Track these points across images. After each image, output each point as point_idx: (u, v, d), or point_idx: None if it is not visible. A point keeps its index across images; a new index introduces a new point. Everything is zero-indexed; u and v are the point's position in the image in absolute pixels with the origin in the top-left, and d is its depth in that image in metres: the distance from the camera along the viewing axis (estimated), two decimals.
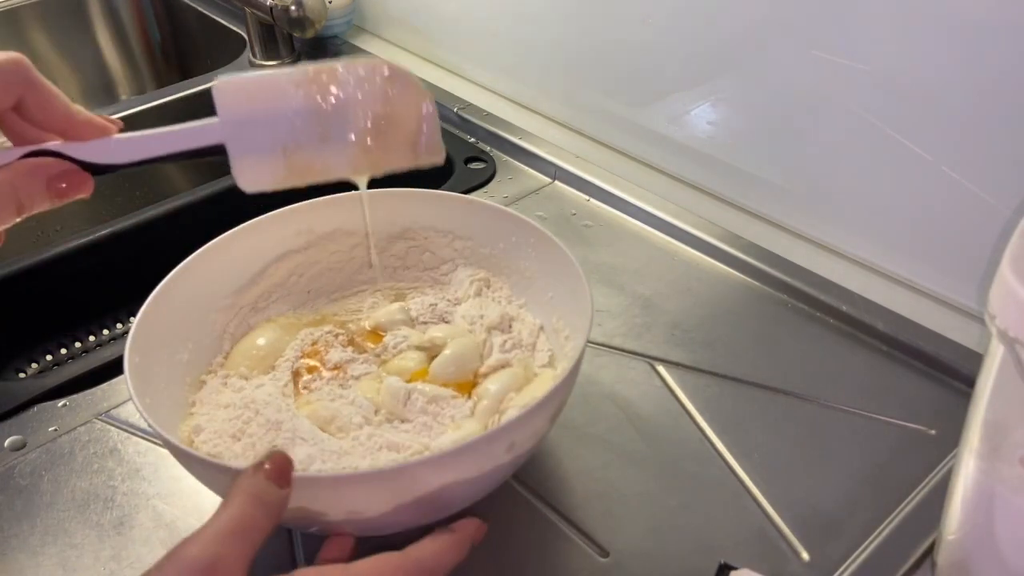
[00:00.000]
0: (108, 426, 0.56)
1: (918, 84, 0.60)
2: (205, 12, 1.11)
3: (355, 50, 0.98)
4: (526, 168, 0.81)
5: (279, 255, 0.58)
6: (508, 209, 0.58)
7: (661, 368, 0.60)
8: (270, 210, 0.57)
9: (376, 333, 0.56)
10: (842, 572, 0.47)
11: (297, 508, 0.40)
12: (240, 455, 0.47)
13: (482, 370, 0.54)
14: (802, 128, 0.69)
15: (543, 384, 0.51)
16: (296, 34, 0.93)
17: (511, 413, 0.50)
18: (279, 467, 0.37)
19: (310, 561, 0.48)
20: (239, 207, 0.57)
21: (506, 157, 0.82)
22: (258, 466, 0.37)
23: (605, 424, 0.56)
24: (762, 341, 0.62)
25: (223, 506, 0.35)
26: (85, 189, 0.40)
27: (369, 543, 0.42)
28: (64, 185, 0.39)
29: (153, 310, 0.50)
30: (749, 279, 0.67)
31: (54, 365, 0.77)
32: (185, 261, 0.53)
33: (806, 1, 0.64)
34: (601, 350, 0.61)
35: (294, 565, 0.48)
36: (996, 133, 0.58)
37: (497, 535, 0.49)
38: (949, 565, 0.44)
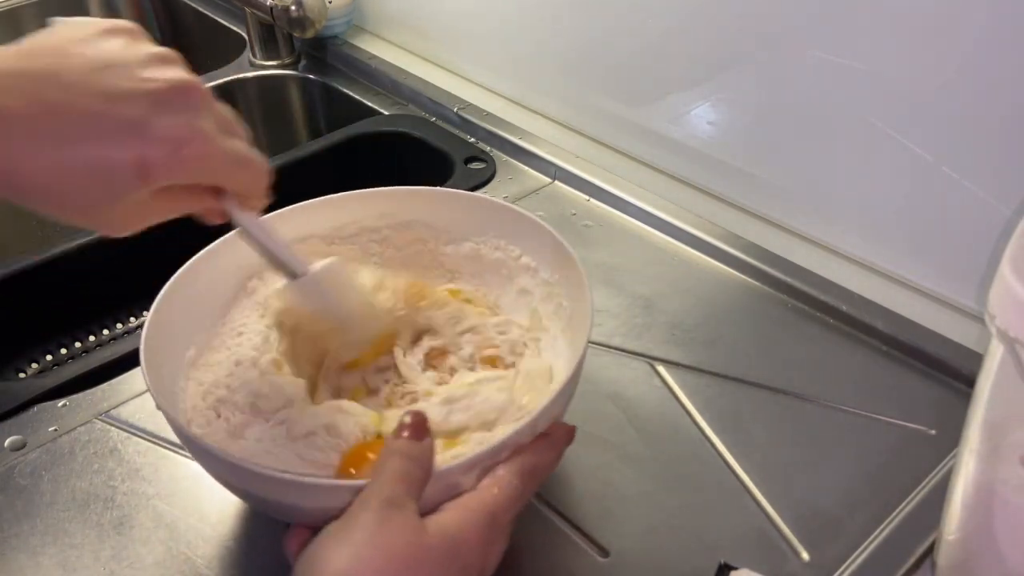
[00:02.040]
0: (108, 426, 0.56)
1: (918, 84, 0.60)
2: (205, 12, 1.11)
3: (355, 50, 0.98)
4: (526, 168, 0.81)
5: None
6: (512, 205, 0.58)
7: (661, 368, 0.60)
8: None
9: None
10: (842, 572, 0.47)
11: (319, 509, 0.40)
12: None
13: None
14: (802, 128, 0.69)
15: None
16: (296, 34, 0.93)
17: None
18: (415, 426, 0.41)
19: None
20: None
21: (506, 157, 0.82)
22: (398, 431, 0.41)
23: (605, 424, 0.56)
24: (762, 341, 0.62)
25: (381, 463, 0.39)
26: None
27: None
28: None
29: (166, 304, 0.50)
30: (749, 279, 0.67)
31: (54, 365, 0.77)
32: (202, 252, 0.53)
33: (806, 1, 0.64)
34: (601, 350, 0.61)
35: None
36: (996, 133, 0.58)
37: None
38: (949, 565, 0.45)
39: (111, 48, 0.36)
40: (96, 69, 0.35)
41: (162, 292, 0.50)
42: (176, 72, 0.37)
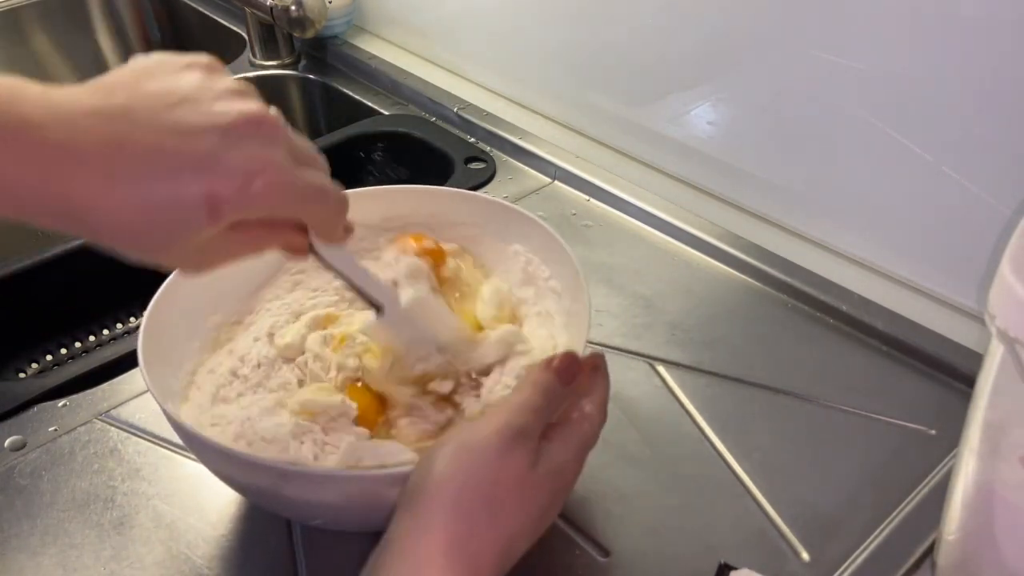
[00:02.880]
0: (108, 426, 0.56)
1: (918, 84, 0.60)
2: (205, 12, 1.10)
3: (355, 50, 0.98)
4: (526, 168, 0.81)
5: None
6: (511, 204, 0.58)
7: (661, 368, 0.60)
8: None
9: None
10: (842, 572, 0.47)
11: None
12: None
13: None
14: (802, 128, 0.69)
15: None
16: (296, 34, 0.93)
17: None
18: (566, 366, 0.42)
19: (310, 557, 0.48)
20: None
21: (506, 157, 0.82)
22: (549, 362, 0.42)
23: (605, 424, 0.56)
24: (762, 341, 0.62)
25: (518, 390, 0.41)
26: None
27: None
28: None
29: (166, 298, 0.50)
30: (749, 279, 0.67)
31: (54, 365, 0.77)
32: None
33: (806, 1, 0.64)
34: (601, 350, 0.61)
35: (294, 562, 0.48)
36: (996, 133, 0.58)
37: None
38: (949, 565, 0.45)
39: (185, 83, 0.36)
40: (169, 105, 0.35)
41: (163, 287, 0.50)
42: (248, 104, 0.37)
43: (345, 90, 0.95)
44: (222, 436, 0.47)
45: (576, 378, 0.43)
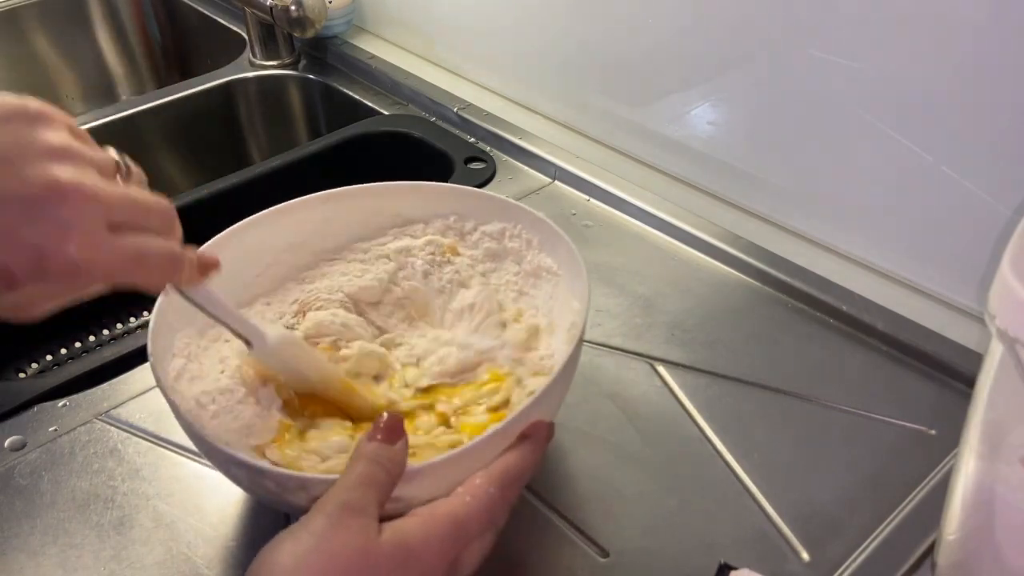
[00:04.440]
0: (108, 426, 0.56)
1: (918, 84, 0.60)
2: (205, 12, 1.11)
3: (355, 50, 0.98)
4: (526, 168, 0.81)
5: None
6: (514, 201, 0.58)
7: (661, 368, 0.60)
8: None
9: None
10: (842, 572, 0.47)
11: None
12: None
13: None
14: (802, 128, 0.69)
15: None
16: (296, 34, 0.93)
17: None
18: (390, 429, 0.40)
19: None
20: (240, 208, 0.57)
21: (506, 157, 0.82)
22: (372, 435, 0.40)
23: (605, 424, 0.56)
24: (762, 341, 0.62)
25: (349, 467, 0.39)
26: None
27: None
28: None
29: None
30: (749, 279, 0.67)
31: (54, 365, 0.77)
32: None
33: (806, 1, 0.64)
34: (601, 350, 0.61)
35: None
36: (996, 133, 0.58)
37: (497, 535, 0.49)
38: (949, 565, 0.44)
39: (3, 138, 0.35)
40: None
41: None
42: (61, 170, 0.35)
43: (345, 90, 0.95)
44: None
45: (402, 434, 0.40)
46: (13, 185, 0.34)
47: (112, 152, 0.40)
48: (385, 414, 0.41)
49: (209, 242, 0.53)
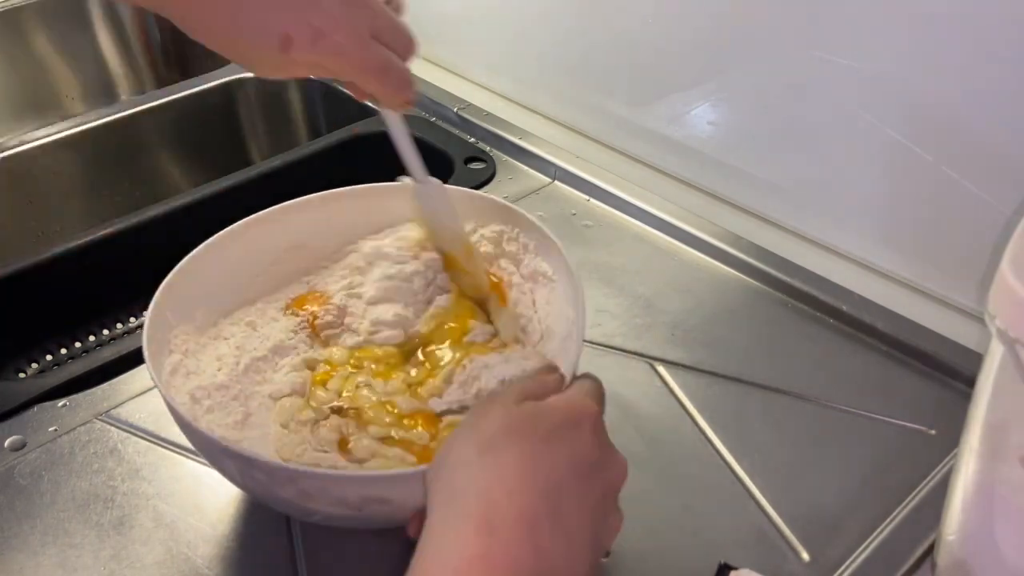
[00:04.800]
0: (108, 426, 0.56)
1: (918, 84, 0.60)
2: None
3: None
4: (526, 168, 0.81)
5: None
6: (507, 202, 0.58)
7: (661, 368, 0.60)
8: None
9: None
10: (842, 572, 0.47)
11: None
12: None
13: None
14: (802, 128, 0.69)
15: None
16: None
17: None
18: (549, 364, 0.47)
19: (310, 557, 0.48)
20: (240, 208, 0.57)
21: (506, 157, 0.82)
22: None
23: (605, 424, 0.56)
24: (762, 341, 0.62)
25: (571, 390, 0.43)
26: None
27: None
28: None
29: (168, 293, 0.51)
30: (749, 279, 0.67)
31: (54, 365, 0.77)
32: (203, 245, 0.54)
33: (806, 1, 0.64)
34: (601, 350, 0.61)
35: (294, 562, 0.48)
36: (996, 133, 0.58)
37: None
38: (949, 565, 0.44)
39: None
40: None
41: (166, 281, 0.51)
42: None
43: (345, 90, 0.95)
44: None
45: (555, 369, 0.45)
46: None
47: None
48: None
49: (209, 240, 0.54)
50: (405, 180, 0.55)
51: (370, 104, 0.51)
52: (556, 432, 0.37)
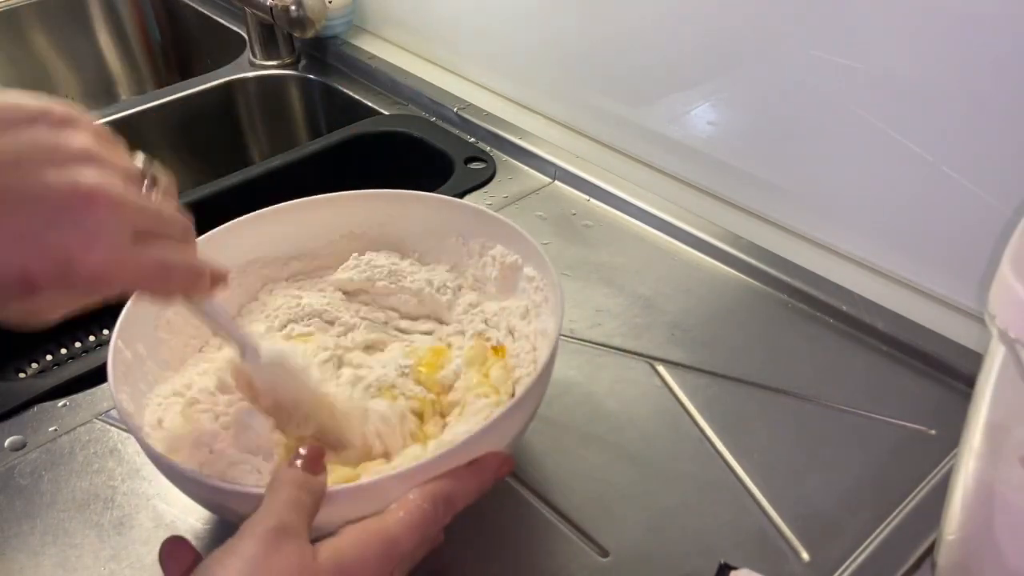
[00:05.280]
0: (108, 426, 0.56)
1: (918, 84, 0.60)
2: (205, 12, 1.10)
3: (355, 50, 0.98)
4: (526, 168, 0.81)
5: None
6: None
7: (661, 368, 0.60)
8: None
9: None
10: (842, 572, 0.47)
11: None
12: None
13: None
14: (802, 128, 0.69)
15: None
16: (296, 34, 0.93)
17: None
18: (313, 459, 0.40)
19: None
20: (240, 208, 0.57)
21: (506, 157, 0.82)
22: (292, 461, 0.40)
23: (605, 424, 0.56)
24: (762, 341, 0.62)
25: (272, 492, 0.38)
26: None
27: None
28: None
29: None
30: (749, 279, 0.67)
31: (54, 365, 0.77)
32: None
33: (806, 1, 0.64)
34: (601, 350, 0.61)
35: None
36: (996, 133, 0.58)
37: (497, 535, 0.49)
38: (949, 565, 0.44)
39: (25, 141, 0.34)
40: (5, 163, 0.33)
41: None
42: (87, 175, 0.34)
43: (345, 90, 0.95)
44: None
45: (323, 467, 0.40)
46: (37, 189, 0.33)
47: (139, 159, 0.39)
48: (305, 447, 0.40)
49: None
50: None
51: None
52: None
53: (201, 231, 0.54)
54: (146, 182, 0.39)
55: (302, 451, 0.40)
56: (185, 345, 0.53)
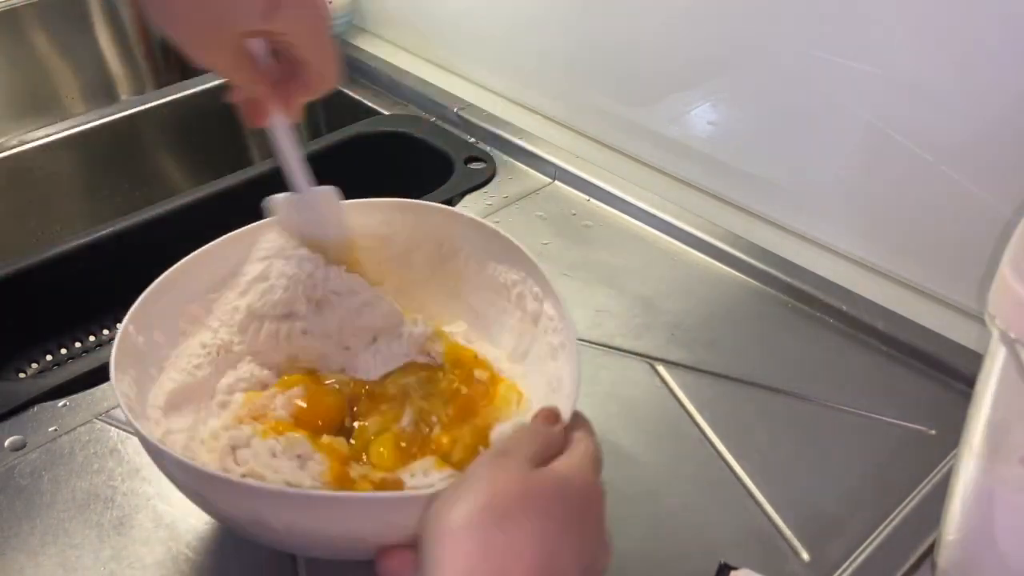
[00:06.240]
0: (108, 426, 0.56)
1: (918, 84, 0.60)
2: None
3: (355, 50, 0.98)
4: (526, 168, 0.81)
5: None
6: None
7: (661, 368, 0.60)
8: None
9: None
10: (842, 572, 0.47)
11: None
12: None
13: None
14: (802, 128, 0.69)
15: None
16: None
17: None
18: (549, 414, 0.44)
19: (309, 558, 0.48)
20: (240, 208, 0.57)
21: (506, 157, 0.82)
22: (535, 417, 0.44)
23: (605, 424, 0.56)
24: (762, 341, 0.62)
25: (576, 453, 0.41)
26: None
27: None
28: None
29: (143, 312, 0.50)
30: (749, 279, 0.67)
31: (54, 365, 0.77)
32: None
33: (806, 1, 0.64)
34: (601, 350, 0.61)
35: (294, 562, 0.48)
36: (996, 133, 0.58)
37: None
38: (949, 565, 0.45)
39: None
40: None
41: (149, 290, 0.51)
42: None
43: (345, 90, 0.95)
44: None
45: (559, 420, 0.43)
46: None
47: None
48: (547, 407, 0.44)
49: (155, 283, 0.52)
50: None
51: (251, 115, 0.48)
52: (571, 517, 0.37)
53: (201, 231, 0.55)
54: None
55: (544, 409, 0.44)
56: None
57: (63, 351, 0.78)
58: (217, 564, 0.48)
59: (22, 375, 0.76)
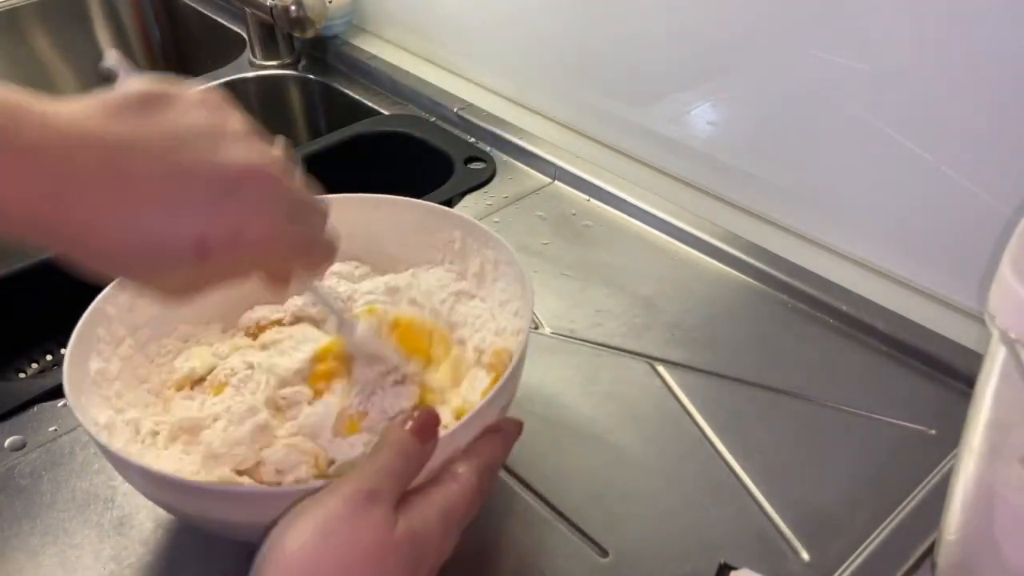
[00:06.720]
0: None
1: (918, 84, 0.60)
2: (205, 12, 1.10)
3: (355, 50, 0.98)
4: (526, 168, 0.81)
5: None
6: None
7: (661, 368, 0.60)
8: None
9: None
10: (842, 572, 0.47)
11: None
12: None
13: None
14: (802, 128, 0.69)
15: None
16: (296, 34, 0.93)
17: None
18: (424, 427, 0.40)
19: None
20: None
21: (506, 157, 0.82)
22: (405, 421, 0.40)
23: (605, 424, 0.56)
24: (762, 341, 0.62)
25: (375, 452, 0.39)
26: None
27: None
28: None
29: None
30: (749, 279, 0.67)
31: (54, 365, 0.77)
32: None
33: (806, 1, 0.64)
34: (601, 350, 0.61)
35: None
36: (996, 133, 0.58)
37: (497, 535, 0.49)
38: (949, 565, 0.45)
39: (193, 122, 0.37)
40: (176, 143, 0.36)
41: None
42: (252, 154, 0.38)
43: (345, 90, 0.95)
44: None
45: (435, 436, 0.40)
46: (211, 166, 0.36)
47: (279, 145, 0.41)
48: (422, 410, 0.41)
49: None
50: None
51: (271, 283, 0.43)
52: (418, 570, 0.37)
53: None
54: (293, 166, 0.42)
55: (416, 415, 0.41)
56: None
57: (63, 351, 0.78)
58: (217, 564, 0.48)
59: (22, 375, 0.76)
